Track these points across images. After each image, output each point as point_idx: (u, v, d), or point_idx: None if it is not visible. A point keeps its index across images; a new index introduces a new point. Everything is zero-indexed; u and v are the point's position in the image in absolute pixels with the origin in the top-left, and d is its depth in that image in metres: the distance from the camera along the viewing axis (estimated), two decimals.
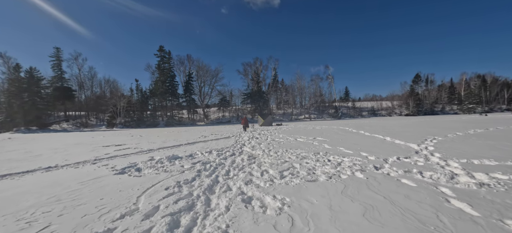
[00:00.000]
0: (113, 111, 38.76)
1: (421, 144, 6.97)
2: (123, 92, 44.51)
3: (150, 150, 7.84)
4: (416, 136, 9.27)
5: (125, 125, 39.73)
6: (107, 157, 6.50)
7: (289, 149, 7.00)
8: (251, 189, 3.24)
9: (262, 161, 5.28)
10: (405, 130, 12.56)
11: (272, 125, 27.68)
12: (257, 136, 11.93)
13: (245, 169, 4.52)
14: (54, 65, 44.39)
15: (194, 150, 7.27)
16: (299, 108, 58.71)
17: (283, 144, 8.23)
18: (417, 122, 22.47)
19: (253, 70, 57.60)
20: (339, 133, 12.04)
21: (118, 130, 31.69)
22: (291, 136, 11.18)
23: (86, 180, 3.98)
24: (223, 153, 6.54)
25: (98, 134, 20.90)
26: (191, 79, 51.14)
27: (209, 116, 55.49)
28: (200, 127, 32.70)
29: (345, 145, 7.46)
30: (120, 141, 11.57)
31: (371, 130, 12.89)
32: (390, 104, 60.55)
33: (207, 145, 8.66)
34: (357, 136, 10.12)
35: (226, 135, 13.62)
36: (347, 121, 35.49)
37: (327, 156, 5.53)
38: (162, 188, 3.40)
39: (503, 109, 52.98)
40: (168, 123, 43.76)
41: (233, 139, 10.76)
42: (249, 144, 8.63)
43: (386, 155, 5.39)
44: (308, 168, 4.35)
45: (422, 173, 3.78)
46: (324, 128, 17.57)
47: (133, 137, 14.48)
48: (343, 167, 4.34)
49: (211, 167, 4.78)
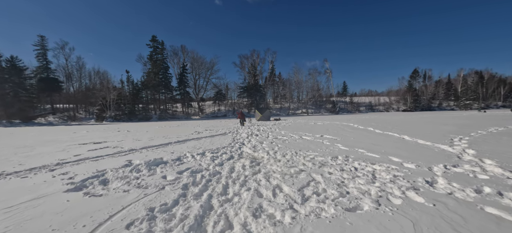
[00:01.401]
0: (103, 104, 36.86)
1: (453, 145, 5.90)
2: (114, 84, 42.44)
3: (132, 150, 6.56)
4: (436, 134, 8.24)
5: (116, 118, 37.95)
6: (74, 161, 5.19)
7: (298, 150, 5.83)
8: (264, 228, 2.05)
9: (269, 168, 4.09)
10: (417, 127, 11.57)
11: (270, 119, 26.54)
12: (256, 133, 10.74)
13: (249, 183, 3.32)
14: (38, 55, 41.77)
15: (184, 151, 6.03)
16: (297, 102, 57.67)
17: (289, 144, 7.06)
18: (421, 118, 21.68)
19: (250, 62, 55.99)
20: (347, 130, 10.96)
21: (107, 124, 30.02)
22: (295, 133, 10.03)
23: (18, 203, 2.72)
24: (219, 156, 5.32)
25: (83, 128, 19.34)
26: (185, 71, 49.25)
27: (204, 110, 53.95)
28: (195, 121, 31.31)
29: (362, 145, 6.35)
30: (102, 138, 10.20)
31: (381, 127, 11.85)
32: (387, 99, 60.10)
33: (200, 144, 7.42)
34: (369, 134, 9.04)
35: (222, 131, 12.38)
36: (346, 116, 34.66)
37: (351, 163, 4.38)
38: (124, 223, 2.17)
39: (499, 105, 53.18)
40: (161, 117, 42.12)
41: (230, 137, 9.53)
42: (249, 143, 7.43)
43: (425, 162, 4.28)
44: (336, 183, 3.18)
45: (502, 193, 2.66)
46: (327, 124, 16.50)
47: (119, 133, 13.10)
48: (383, 182, 3.18)
49: (203, 178, 3.57)
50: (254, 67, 55.09)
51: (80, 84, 49.87)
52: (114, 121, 36.37)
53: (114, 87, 39.18)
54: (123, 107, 39.50)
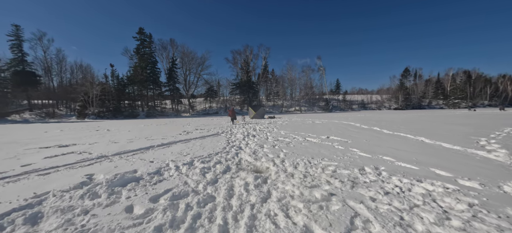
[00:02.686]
0: (85, 100, 34.41)
1: (490, 151, 5.00)
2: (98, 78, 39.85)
3: (101, 158, 5.22)
4: (456, 136, 7.39)
5: (99, 115, 35.63)
6: (14, 176, 3.83)
7: (310, 158, 4.72)
8: None
9: (282, 190, 2.94)
10: (426, 127, 10.81)
11: (264, 117, 25.45)
12: (253, 133, 9.58)
13: (260, 221, 2.16)
14: (13, 46, 38.46)
15: (167, 159, 4.77)
16: (290, 100, 56.92)
17: (295, 148, 5.95)
18: (419, 117, 21.28)
19: (243, 58, 54.53)
20: (352, 130, 10.01)
21: (88, 121, 27.90)
22: (297, 134, 8.95)
23: None
24: (212, 167, 4.12)
25: (59, 127, 17.46)
26: (175, 66, 47.12)
27: (195, 107, 52.13)
28: (185, 119, 29.72)
29: (383, 150, 5.33)
30: (73, 139, 8.71)
31: (386, 127, 11.00)
32: (379, 97, 60.51)
33: (188, 148, 6.17)
34: (380, 136, 8.09)
35: (214, 130, 11.12)
36: (341, 114, 34.17)
37: (388, 179, 3.31)
38: None
39: (485, 104, 54.72)
40: (149, 114, 40.06)
41: (224, 138, 8.32)
42: (247, 147, 6.26)
43: (483, 176, 3.28)
44: (395, 222, 2.07)
45: None
46: (326, 123, 15.58)
47: (97, 132, 11.56)
48: (464, 219, 2.11)
49: (189, 211, 2.37)
50: (247, 63, 53.72)
51: (60, 78, 46.72)
52: (97, 119, 34.08)
53: (97, 82, 36.69)
54: (107, 104, 37.15)
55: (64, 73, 46.56)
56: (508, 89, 56.18)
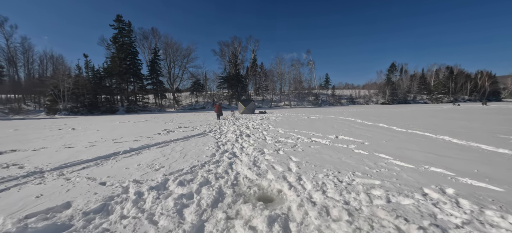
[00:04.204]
0: (55, 94, 30.98)
1: None
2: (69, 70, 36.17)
3: (32, 174, 3.57)
4: (477, 134, 6.45)
5: (72, 111, 32.36)
6: None
7: (336, 172, 3.39)
8: None
9: None
10: (435, 123, 9.97)
11: (254, 112, 24.06)
12: (246, 132, 8.15)
13: None
14: None
15: (128, 178, 3.24)
16: (279, 94, 55.85)
17: (305, 154, 4.61)
18: (414, 111, 20.91)
19: (231, 50, 52.29)
20: (356, 127, 8.90)
21: (58, 118, 24.97)
22: (298, 133, 7.64)
23: None
24: (194, 196, 2.67)
25: (17, 125, 14.93)
26: (157, 58, 44.03)
27: (180, 101, 49.53)
28: (168, 114, 27.56)
29: (419, 157, 4.14)
30: (19, 143, 6.79)
31: (394, 123, 10.02)
32: (367, 92, 61.16)
33: (164, 156, 4.63)
34: (395, 134, 6.99)
35: (200, 129, 9.55)
36: (333, 109, 33.57)
37: (477, 213, 2.05)
38: None
39: (466, 99, 57.05)
40: (130, 109, 37.14)
41: (212, 140, 6.82)
42: (243, 154, 4.84)
43: None
44: None
45: None
46: (322, 118, 14.48)
47: (59, 132, 9.57)
48: None
49: None
50: (235, 56, 51.66)
51: (28, 70, 42.09)
52: (70, 115, 30.88)
53: (68, 74, 33.22)
54: (82, 98, 33.84)
55: (32, 64, 41.96)
56: (486, 85, 58.96)
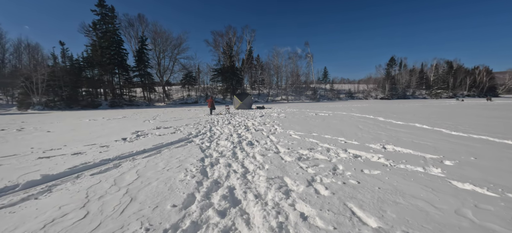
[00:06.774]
0: (26, 87, 27.61)
1: None
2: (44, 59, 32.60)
3: None
4: None
5: (48, 105, 29.08)
6: None
7: None
8: None
9: None
10: (485, 123, 7.87)
11: (252, 108, 21.71)
12: (247, 136, 5.79)
13: None
14: None
15: None
16: (276, 88, 53.54)
17: (365, 190, 2.31)
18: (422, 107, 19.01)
19: (225, 41, 49.32)
20: (389, 128, 6.67)
21: (31, 113, 21.91)
22: (316, 138, 5.32)
23: None
24: None
25: None
26: (145, 47, 40.67)
27: (171, 95, 46.52)
28: (155, 109, 24.85)
29: None
30: None
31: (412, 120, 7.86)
32: (366, 87, 59.61)
33: (84, 206, 2.24)
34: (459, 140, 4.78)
35: (184, 131, 7.12)
36: (333, 104, 31.55)
37: None
38: None
39: (465, 95, 56.27)
40: (114, 103, 34.04)
41: (197, 152, 4.43)
42: (248, 191, 2.50)
43: None
44: None
45: None
46: (332, 116, 12.27)
47: (17, 134, 6.94)
48: None
49: None
50: (230, 47, 48.77)
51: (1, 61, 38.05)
52: (45, 109, 27.66)
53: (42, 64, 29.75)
54: (59, 91, 30.53)
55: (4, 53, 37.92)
56: (485, 80, 58.36)
